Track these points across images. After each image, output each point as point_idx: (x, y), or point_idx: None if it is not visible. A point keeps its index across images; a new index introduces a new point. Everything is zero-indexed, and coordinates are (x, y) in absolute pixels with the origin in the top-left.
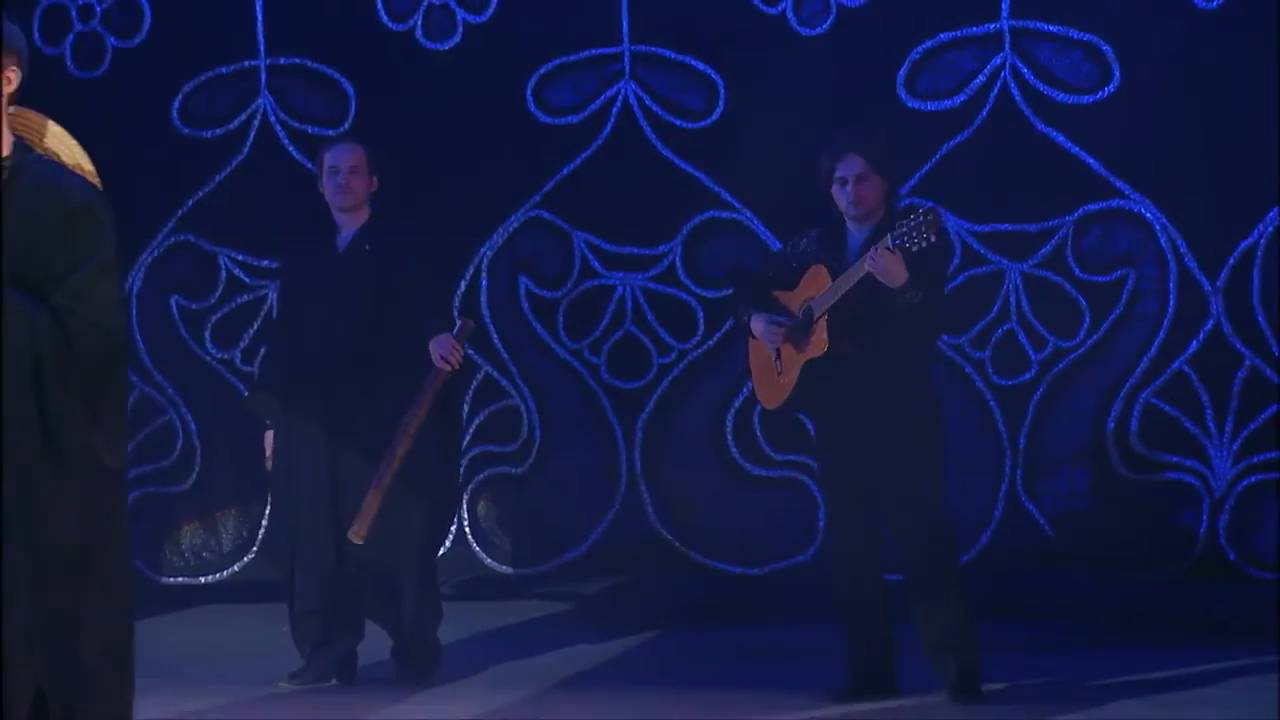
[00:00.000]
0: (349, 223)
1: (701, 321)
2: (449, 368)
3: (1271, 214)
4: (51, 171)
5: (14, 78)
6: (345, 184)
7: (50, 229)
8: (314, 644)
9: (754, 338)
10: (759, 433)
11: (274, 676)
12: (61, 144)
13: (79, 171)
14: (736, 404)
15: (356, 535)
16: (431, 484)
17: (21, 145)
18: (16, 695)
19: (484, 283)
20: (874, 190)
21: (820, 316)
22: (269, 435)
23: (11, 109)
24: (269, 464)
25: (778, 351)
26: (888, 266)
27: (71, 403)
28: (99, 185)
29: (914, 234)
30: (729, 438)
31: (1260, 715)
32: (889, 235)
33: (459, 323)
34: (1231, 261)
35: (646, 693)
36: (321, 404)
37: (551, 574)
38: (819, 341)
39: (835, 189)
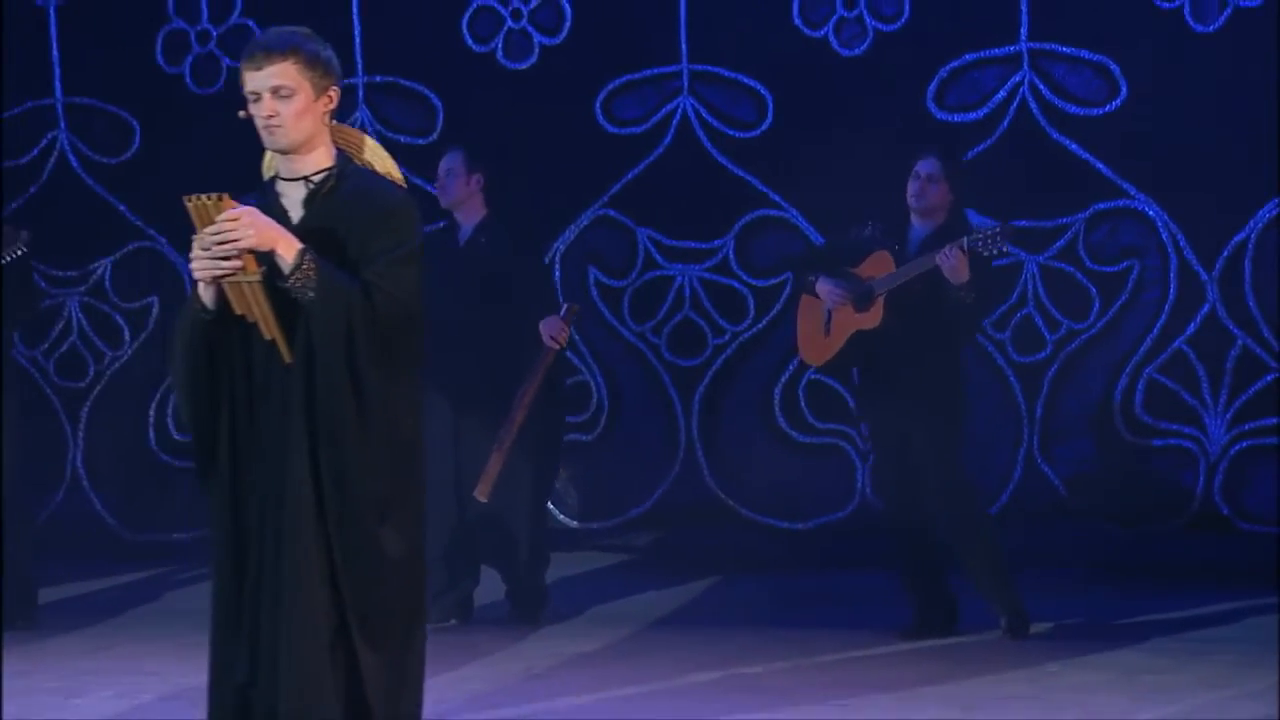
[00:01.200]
0: (466, 219)
1: (752, 307)
2: (557, 346)
3: (1261, 211)
4: (369, 178)
5: (335, 97)
6: (442, 186)
7: (369, 224)
8: (437, 588)
9: (815, 297)
10: (803, 404)
11: None
12: (375, 156)
13: (389, 178)
14: (783, 379)
15: (481, 494)
16: (542, 448)
17: (343, 157)
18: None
19: (557, 273)
20: (940, 193)
21: (880, 294)
22: None
23: (334, 125)
24: None
25: (829, 316)
26: (956, 265)
27: (377, 370)
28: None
29: (990, 243)
30: (776, 408)
31: (1250, 654)
32: (965, 238)
33: (564, 306)
34: (1225, 254)
35: (739, 634)
36: (446, 378)
37: (616, 528)
38: (874, 315)
39: (910, 182)
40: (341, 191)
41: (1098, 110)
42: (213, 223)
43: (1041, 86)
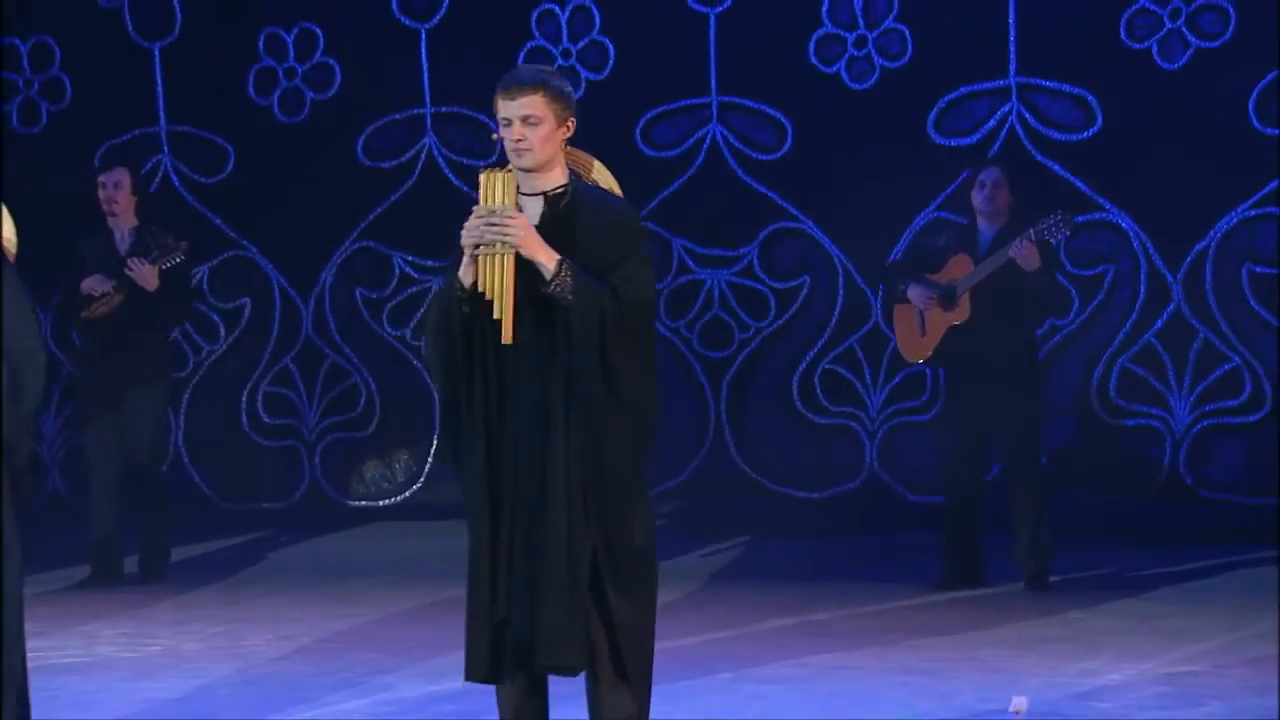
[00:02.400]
0: None
1: (773, 306)
2: None
3: (1221, 223)
4: (598, 194)
5: (572, 126)
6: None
7: (606, 233)
8: None
9: (907, 302)
10: (818, 390)
11: (455, 575)
12: (601, 175)
13: (613, 193)
14: (800, 368)
15: None
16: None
17: (574, 175)
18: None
19: None
20: (1004, 196)
21: (964, 292)
22: None
23: (567, 149)
24: None
25: (923, 317)
26: (1028, 254)
27: (624, 355)
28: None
29: (1054, 229)
30: (794, 393)
31: (1248, 601)
32: (1031, 229)
33: None
34: (1189, 260)
35: (789, 588)
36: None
37: (655, 498)
38: (962, 311)
39: (974, 191)
40: (575, 205)
41: (1077, 136)
42: (494, 199)
43: (1028, 115)
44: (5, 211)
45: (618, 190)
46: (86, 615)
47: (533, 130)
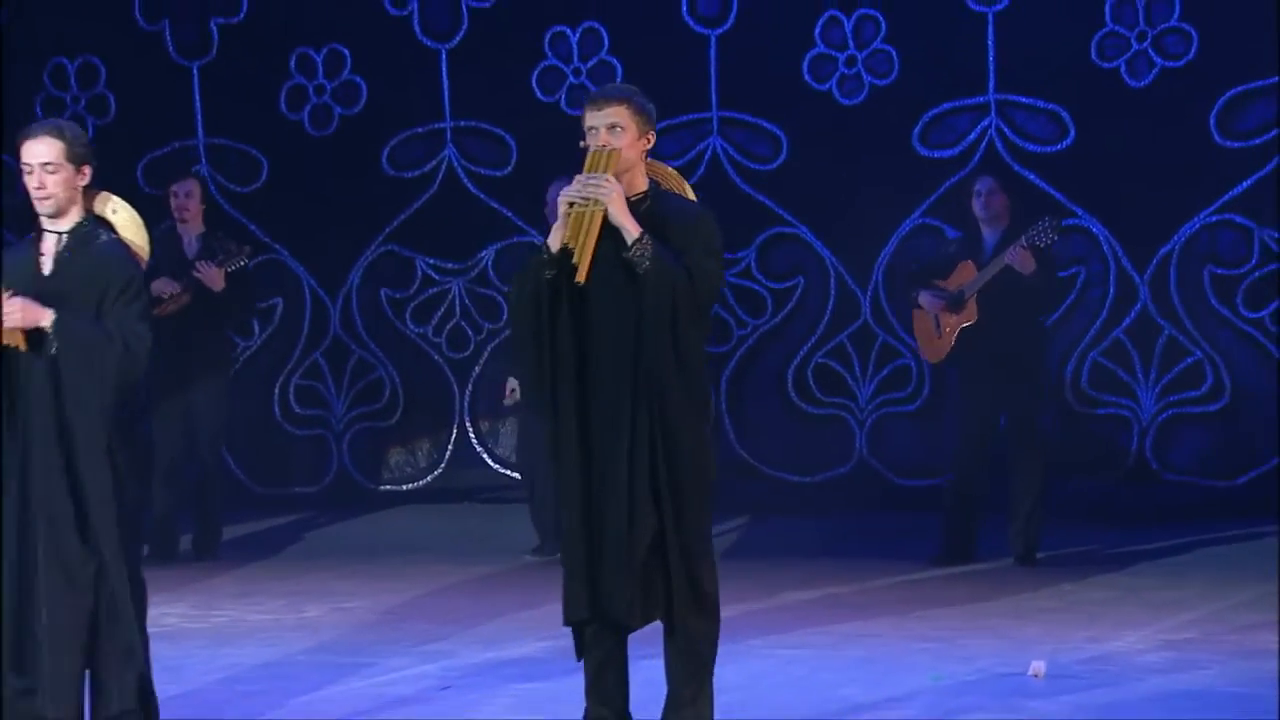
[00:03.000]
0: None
1: (770, 306)
2: None
3: (1184, 228)
4: (674, 198)
5: (652, 139)
6: (554, 212)
7: (681, 230)
8: (546, 528)
9: (920, 308)
10: (811, 382)
11: (482, 552)
12: (679, 184)
13: (686, 198)
14: (794, 363)
15: None
16: None
17: (653, 182)
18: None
19: None
20: (1000, 202)
21: (971, 296)
22: (511, 382)
23: (647, 160)
24: (511, 399)
25: (937, 320)
26: (1022, 259)
27: (690, 328)
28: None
29: (1042, 235)
30: (789, 386)
31: (1222, 574)
32: (1024, 236)
33: None
34: (1155, 262)
35: (796, 564)
36: None
37: None
38: (970, 313)
39: (973, 201)
40: (654, 208)
41: (1051, 148)
42: (596, 169)
43: (1006, 129)
44: (139, 219)
45: (692, 196)
46: (151, 590)
47: (617, 137)
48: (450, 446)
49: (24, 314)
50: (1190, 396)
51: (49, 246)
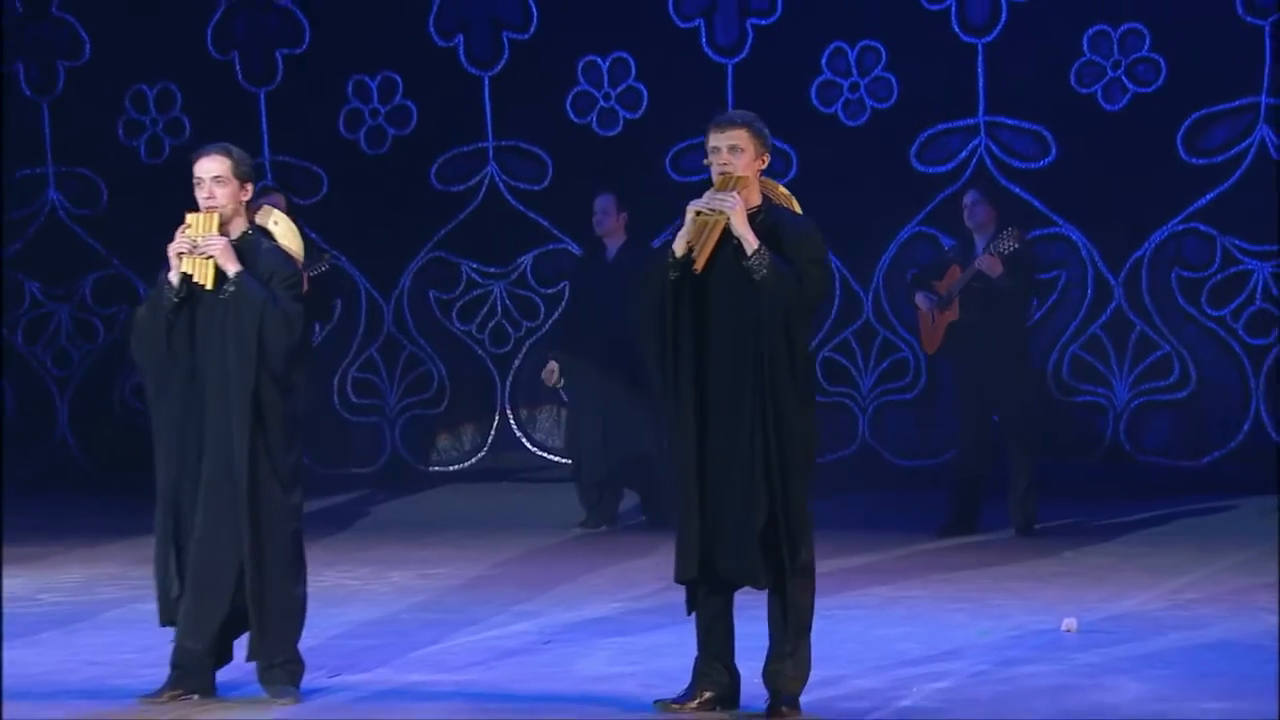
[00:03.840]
0: (612, 243)
1: None
2: None
3: (1154, 235)
4: (785, 213)
5: (766, 161)
6: (598, 220)
7: (794, 240)
8: (592, 504)
9: (917, 307)
10: (819, 374)
11: (531, 525)
12: (787, 199)
13: (793, 212)
14: None
15: None
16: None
17: (767, 198)
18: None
19: None
20: (985, 212)
21: (955, 296)
22: (551, 364)
23: (761, 178)
24: (551, 379)
25: (933, 316)
26: (989, 265)
27: (801, 332)
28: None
29: (1004, 243)
30: None
31: (1202, 543)
32: (990, 244)
33: None
34: (1128, 266)
35: (828, 537)
36: (597, 354)
37: None
38: (954, 311)
39: (964, 210)
40: (767, 220)
41: (1035, 165)
42: (724, 189)
43: (994, 147)
44: (295, 228)
45: (797, 209)
46: None
47: (736, 156)
48: (492, 432)
49: (223, 253)
50: (1159, 385)
51: None
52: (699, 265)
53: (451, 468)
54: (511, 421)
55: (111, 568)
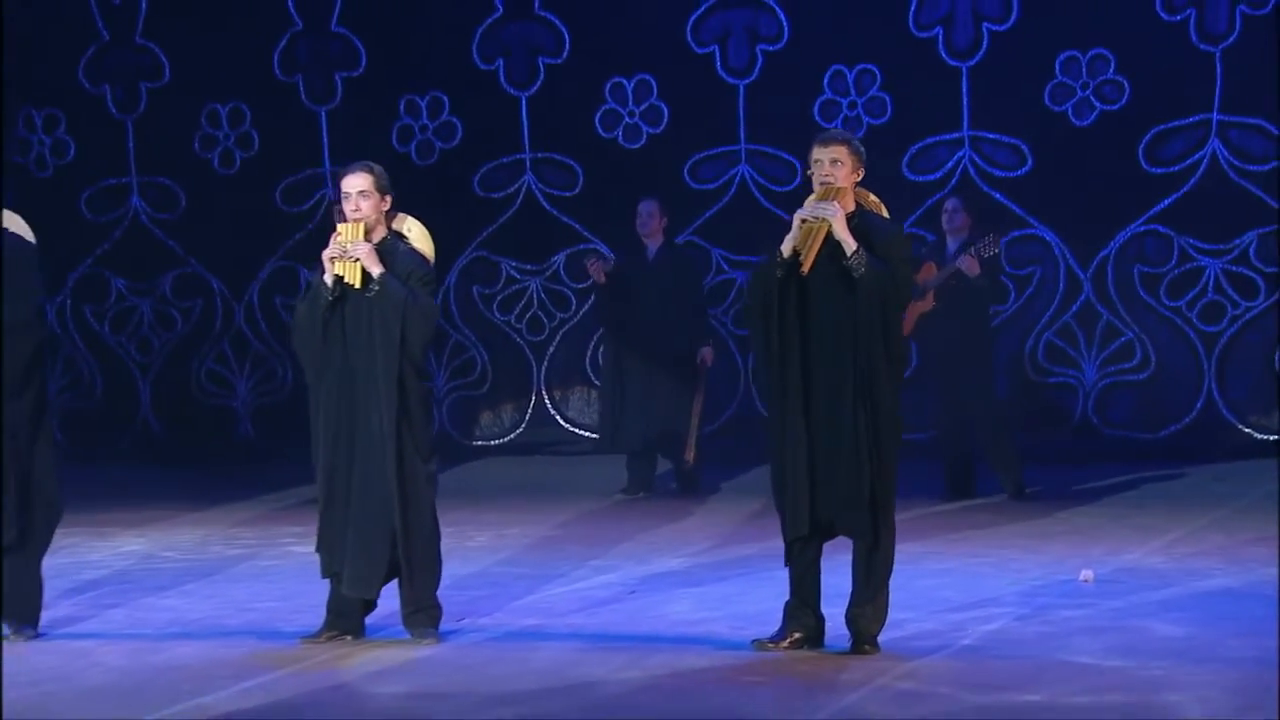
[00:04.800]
0: (652, 244)
1: None
2: (708, 365)
3: (1119, 236)
4: (875, 217)
5: (861, 173)
6: (642, 222)
7: (885, 242)
8: (633, 473)
9: None
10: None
11: (574, 493)
12: (877, 205)
13: (881, 215)
14: None
15: (689, 456)
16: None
17: (860, 205)
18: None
19: None
20: (962, 219)
21: (929, 290)
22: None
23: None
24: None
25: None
26: (969, 265)
27: (894, 323)
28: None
29: (986, 247)
30: None
31: (1174, 505)
32: (973, 247)
33: (707, 349)
34: (1095, 263)
35: None
36: (642, 346)
37: (704, 437)
38: (928, 302)
39: (942, 216)
40: (860, 223)
41: (1013, 174)
42: (826, 199)
43: (977, 158)
44: (427, 233)
45: (885, 214)
46: None
47: (837, 169)
48: (529, 410)
49: (368, 257)
50: (1123, 368)
51: None
52: (806, 267)
53: (493, 442)
54: (546, 401)
55: (216, 529)
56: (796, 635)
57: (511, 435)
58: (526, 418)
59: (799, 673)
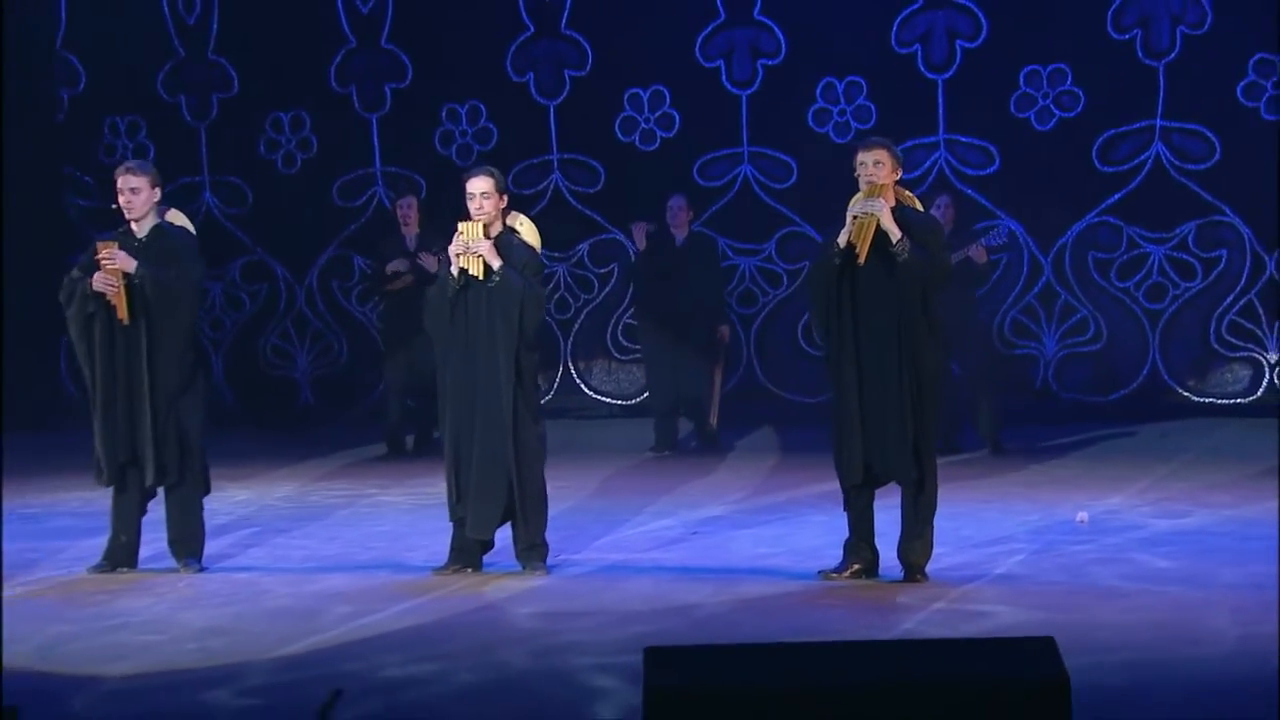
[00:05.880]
0: (679, 231)
1: (785, 280)
2: (725, 339)
3: (1075, 226)
4: (911, 210)
5: (900, 173)
6: (673, 214)
7: (922, 231)
8: (660, 433)
9: None
10: (814, 335)
11: (609, 451)
12: (911, 199)
13: (915, 209)
14: (802, 321)
15: (712, 419)
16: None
17: (899, 200)
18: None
19: None
20: (951, 214)
21: None
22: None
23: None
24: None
25: None
26: (978, 253)
27: (934, 299)
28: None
29: (994, 237)
30: (797, 335)
31: (1134, 458)
32: (982, 238)
33: (725, 326)
34: (1054, 249)
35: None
36: (668, 323)
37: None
38: None
39: (932, 209)
40: (901, 216)
41: (982, 172)
42: (872, 195)
43: (951, 159)
44: (534, 228)
45: (920, 208)
46: (408, 472)
47: (879, 169)
48: (557, 380)
49: (489, 252)
50: (1079, 340)
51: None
52: (862, 259)
53: None
54: (573, 372)
55: (305, 483)
56: (856, 567)
57: (542, 402)
58: (554, 387)
59: (865, 597)
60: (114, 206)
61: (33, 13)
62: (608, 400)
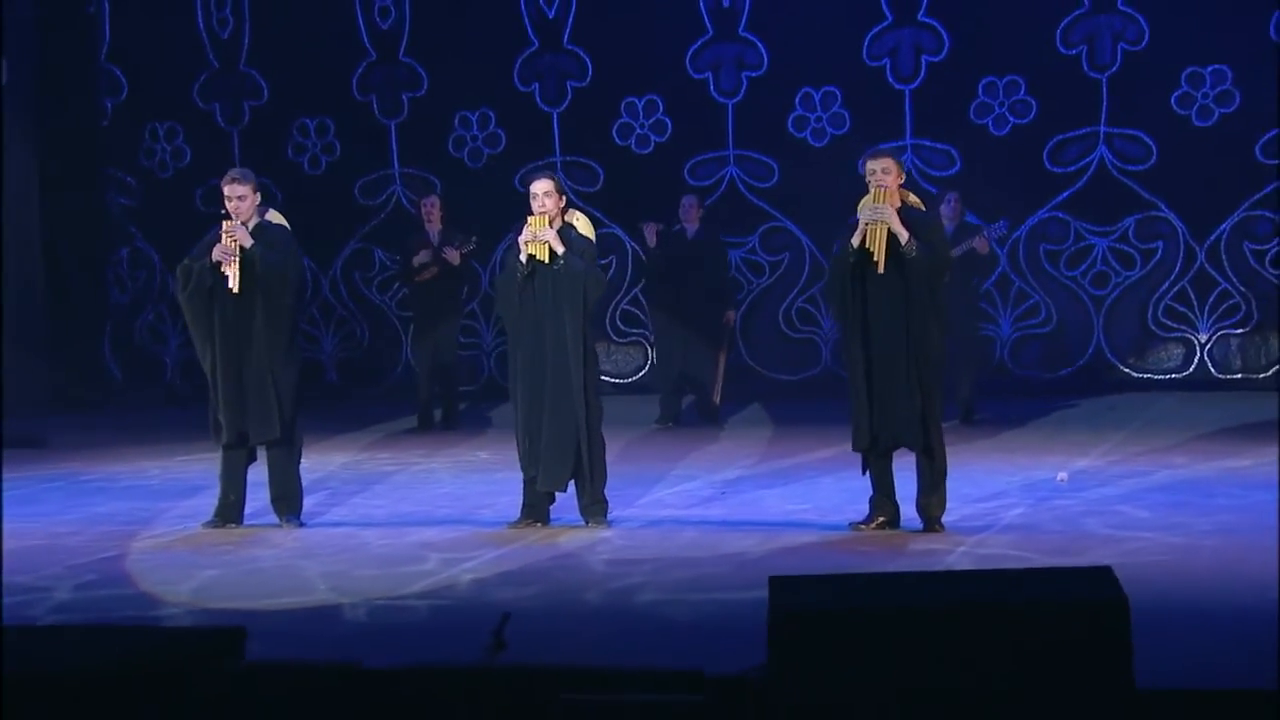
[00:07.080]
0: (689, 225)
1: (767, 270)
2: (730, 324)
3: (1029, 220)
4: (915, 210)
5: (903, 178)
6: (685, 211)
7: (925, 229)
8: (665, 407)
9: None
10: (794, 317)
11: (620, 424)
12: (914, 200)
13: (918, 209)
14: (783, 306)
15: (715, 396)
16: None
17: (903, 201)
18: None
19: None
20: (959, 209)
21: None
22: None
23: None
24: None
25: None
26: (981, 245)
27: (938, 290)
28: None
29: (997, 232)
30: (780, 320)
31: (1088, 426)
32: (985, 231)
33: (730, 311)
34: (1010, 242)
35: (815, 431)
36: (678, 309)
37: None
38: None
39: (942, 205)
40: (905, 217)
41: (945, 173)
42: (878, 201)
43: (918, 161)
44: (589, 222)
45: (922, 207)
46: (443, 442)
47: (886, 176)
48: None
49: (555, 240)
50: (1032, 323)
51: None
52: (881, 266)
53: None
54: None
55: (352, 451)
56: (881, 519)
57: None
58: None
59: (894, 544)
60: (221, 212)
61: (79, 29)
62: (608, 379)
